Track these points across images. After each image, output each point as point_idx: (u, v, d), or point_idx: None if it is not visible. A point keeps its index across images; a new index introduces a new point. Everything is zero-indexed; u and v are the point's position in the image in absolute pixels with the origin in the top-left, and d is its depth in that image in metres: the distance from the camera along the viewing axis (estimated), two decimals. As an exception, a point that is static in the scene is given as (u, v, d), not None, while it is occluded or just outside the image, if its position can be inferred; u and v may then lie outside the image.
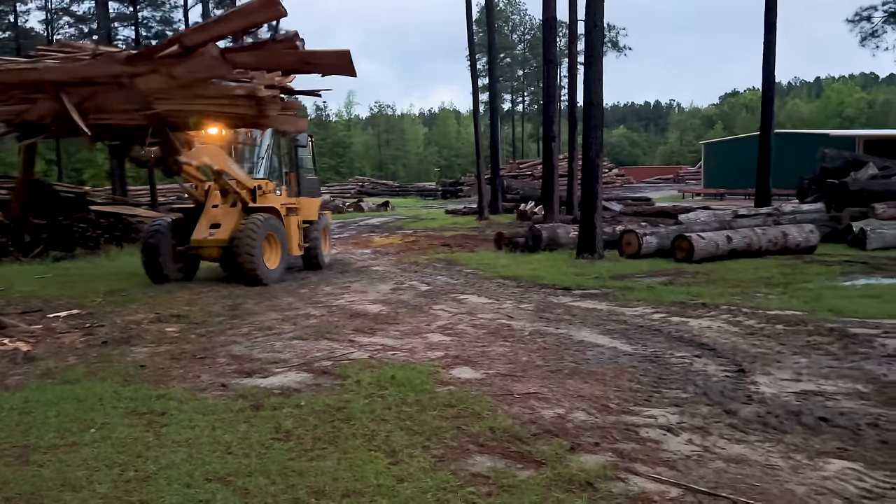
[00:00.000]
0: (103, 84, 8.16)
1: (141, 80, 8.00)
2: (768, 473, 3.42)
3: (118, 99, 8.23)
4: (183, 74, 7.83)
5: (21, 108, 8.24)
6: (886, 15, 21.96)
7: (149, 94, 8.15)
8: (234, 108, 8.43)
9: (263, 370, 5.50)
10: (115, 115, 8.56)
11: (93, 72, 8.06)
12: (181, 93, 8.25)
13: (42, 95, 8.04)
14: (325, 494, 3.19)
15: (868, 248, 13.18)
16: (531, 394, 4.77)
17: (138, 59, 7.94)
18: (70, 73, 8.03)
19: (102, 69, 8.03)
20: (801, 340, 6.17)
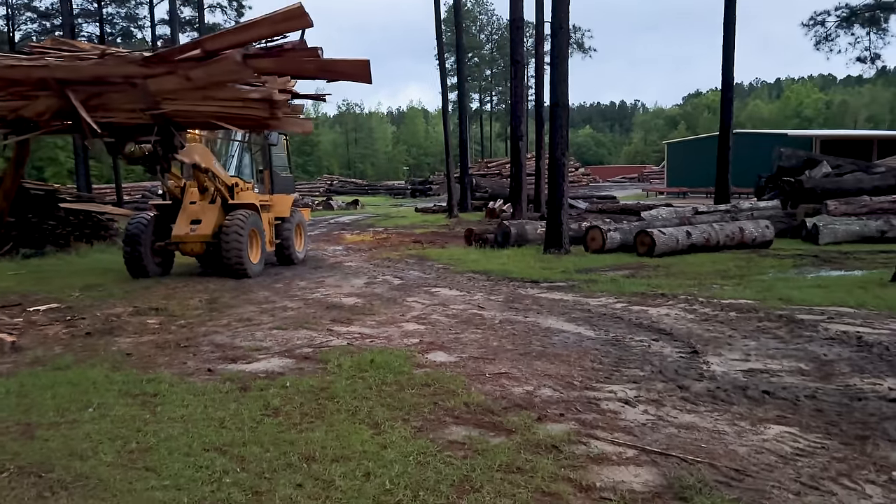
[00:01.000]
0: (113, 83, 8.26)
1: (154, 81, 8.14)
2: (715, 437, 3.82)
3: (125, 98, 8.33)
4: (201, 77, 7.99)
5: (17, 105, 8.25)
6: (839, 20, 22.92)
7: (159, 94, 8.28)
8: (246, 111, 8.58)
9: (247, 357, 5.76)
10: (119, 113, 8.65)
11: (105, 71, 8.14)
12: (192, 94, 8.39)
13: (44, 93, 8.08)
14: (315, 460, 3.50)
15: (821, 242, 13.84)
16: (502, 374, 5.12)
17: (155, 61, 8.06)
18: (80, 72, 8.09)
19: (116, 69, 8.13)
20: (752, 326, 6.64)
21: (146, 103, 8.40)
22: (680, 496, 3.06)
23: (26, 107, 8.39)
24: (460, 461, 3.49)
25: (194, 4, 36.97)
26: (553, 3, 12.57)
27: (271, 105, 8.45)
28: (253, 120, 8.91)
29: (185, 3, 37.36)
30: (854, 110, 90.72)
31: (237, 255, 10.41)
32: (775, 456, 3.54)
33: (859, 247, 13.12)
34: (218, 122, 8.95)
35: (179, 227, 10.88)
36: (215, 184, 10.88)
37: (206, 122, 9.23)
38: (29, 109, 8.42)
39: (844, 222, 14.46)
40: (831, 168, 19.36)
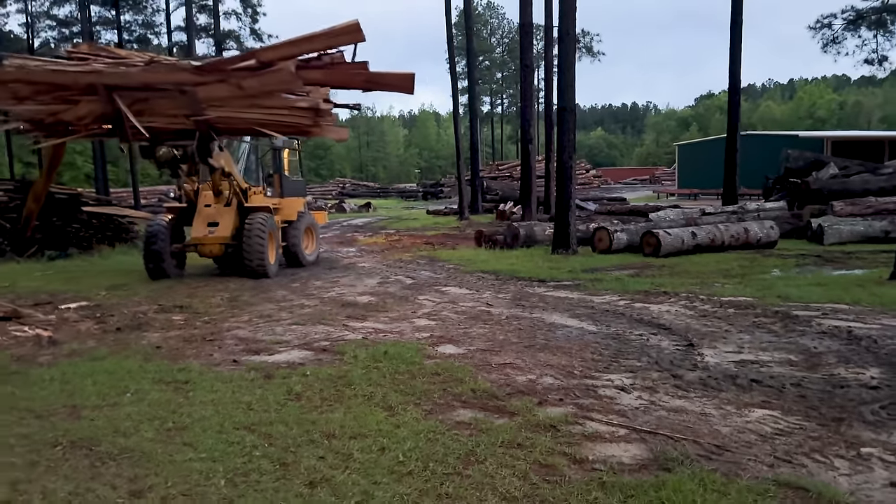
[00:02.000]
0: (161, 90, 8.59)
1: (204, 89, 8.46)
2: (701, 419, 4.15)
3: (170, 104, 8.65)
4: (254, 86, 8.33)
5: (57, 109, 8.60)
6: (846, 22, 23.07)
7: (206, 101, 8.58)
8: (291, 118, 8.92)
9: (269, 349, 6.14)
10: (161, 118, 8.93)
11: (156, 78, 8.46)
12: (240, 102, 8.70)
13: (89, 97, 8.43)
14: (335, 437, 3.86)
15: (825, 242, 14.06)
16: (506, 364, 5.47)
17: (208, 70, 8.41)
18: (131, 78, 8.41)
19: (167, 76, 8.46)
20: (748, 321, 6.94)
21: (192, 110, 8.69)
22: (664, 467, 3.39)
23: (67, 111, 8.72)
24: (466, 438, 3.84)
25: (210, 11, 37.62)
26: (560, 10, 12.92)
27: (316, 113, 8.82)
28: (295, 127, 9.24)
29: (200, 10, 38.04)
30: (868, 111, 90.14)
31: (259, 256, 10.77)
32: (755, 435, 3.87)
33: (863, 247, 13.34)
34: (261, 128, 9.23)
35: (197, 230, 11.19)
36: (232, 187, 11.25)
37: (248, 128, 9.53)
38: (70, 113, 8.74)
39: (849, 223, 14.67)
40: (838, 169, 19.55)
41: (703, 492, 3.06)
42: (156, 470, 3.40)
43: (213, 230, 11.13)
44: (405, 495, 3.13)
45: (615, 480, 3.25)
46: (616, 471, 3.39)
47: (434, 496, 3.13)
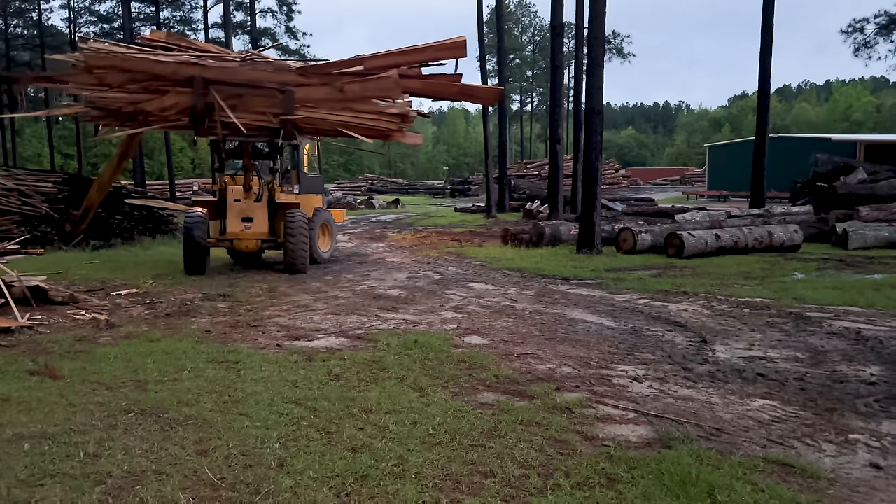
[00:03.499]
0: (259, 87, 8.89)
1: (303, 90, 8.82)
2: (705, 406, 4.52)
3: (264, 102, 8.80)
4: (355, 91, 8.72)
5: (140, 98, 8.67)
6: (878, 27, 22.91)
7: (301, 102, 8.86)
8: (378, 122, 9.34)
9: (308, 336, 6.63)
10: (248, 115, 9.07)
11: (260, 77, 8.78)
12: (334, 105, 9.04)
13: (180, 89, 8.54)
14: (372, 412, 4.32)
15: (849, 247, 14.19)
16: (528, 354, 5.88)
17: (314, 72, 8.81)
18: (235, 75, 8.72)
19: (272, 76, 8.79)
20: (762, 321, 7.26)
21: (285, 109, 8.99)
22: (666, 445, 3.78)
23: (151, 101, 8.77)
24: (489, 416, 4.27)
25: (246, 9, 38.51)
26: (589, 15, 13.23)
27: (403, 119, 9.27)
28: (378, 131, 9.63)
29: (237, 7, 38.96)
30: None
31: (303, 254, 11.05)
32: (754, 421, 4.24)
33: (887, 252, 13.45)
34: (345, 130, 9.58)
35: (233, 224, 11.27)
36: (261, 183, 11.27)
37: (332, 130, 9.86)
38: (154, 103, 8.81)
39: (874, 228, 14.76)
40: (867, 174, 19.53)
41: (699, 465, 3.45)
42: (217, 434, 3.89)
43: (248, 225, 11.27)
44: (435, 461, 3.58)
45: (621, 454, 3.66)
46: (623, 447, 3.79)
47: (460, 462, 3.57)
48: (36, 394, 4.59)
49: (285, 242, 11.08)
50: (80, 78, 8.88)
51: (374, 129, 9.57)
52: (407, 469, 3.46)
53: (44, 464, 3.45)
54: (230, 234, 11.36)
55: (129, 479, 3.30)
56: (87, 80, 8.85)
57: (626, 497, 3.16)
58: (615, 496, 3.18)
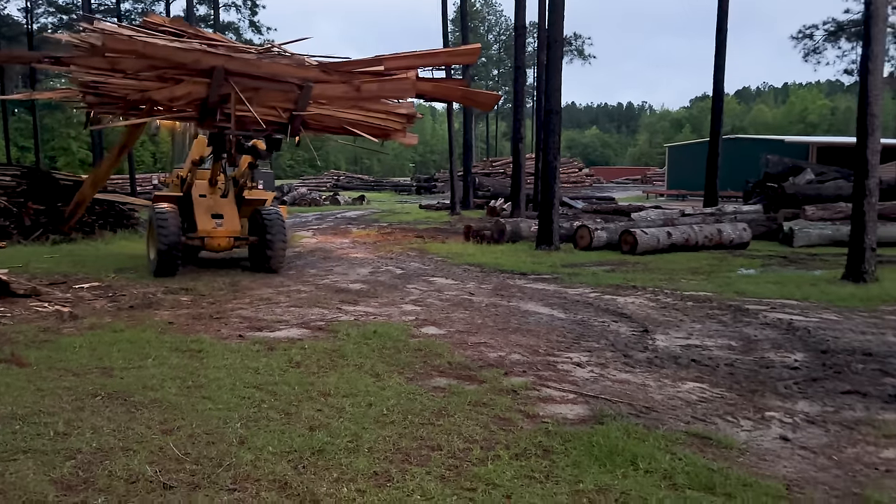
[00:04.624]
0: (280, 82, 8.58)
1: (321, 87, 8.72)
2: (640, 389, 4.90)
3: (278, 97, 8.64)
4: (372, 90, 8.70)
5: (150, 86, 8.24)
6: (826, 34, 23.89)
7: (315, 98, 8.60)
8: (384, 122, 9.39)
9: (270, 327, 6.85)
10: (259, 109, 8.81)
11: (282, 71, 8.51)
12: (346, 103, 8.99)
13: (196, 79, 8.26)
14: (330, 395, 4.59)
15: (795, 245, 14.85)
16: (481, 343, 6.21)
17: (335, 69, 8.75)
18: (257, 68, 8.39)
19: (296, 71, 8.60)
20: (703, 313, 7.70)
21: (299, 105, 8.83)
22: (599, 421, 4.13)
23: (161, 90, 8.31)
24: (441, 398, 4.57)
25: (210, 2, 38.13)
26: (548, 19, 13.62)
27: (408, 119, 9.42)
28: (383, 130, 9.72)
29: (200, 0, 38.57)
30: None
31: (283, 252, 10.82)
32: (682, 401, 4.62)
33: (829, 250, 14.12)
34: (352, 128, 9.57)
35: (203, 222, 10.62)
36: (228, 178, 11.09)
37: (338, 127, 9.82)
38: (163, 93, 8.33)
39: (819, 227, 15.46)
40: (815, 175, 20.36)
41: (627, 438, 3.80)
42: (181, 415, 4.12)
43: (219, 223, 10.79)
44: (387, 437, 3.87)
45: (558, 430, 4.00)
46: (560, 423, 4.13)
47: (410, 438, 3.87)
48: (4, 379, 4.76)
49: (265, 241, 10.66)
50: (90, 61, 8.20)
51: (379, 129, 9.68)
52: (361, 444, 3.74)
53: (15, 441, 3.64)
54: (201, 231, 10.59)
55: (97, 454, 3.52)
56: (98, 63, 8.21)
57: (558, 465, 3.50)
58: (548, 464, 3.51)
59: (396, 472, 3.41)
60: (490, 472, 3.40)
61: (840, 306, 7.99)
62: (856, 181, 10.05)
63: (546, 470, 3.45)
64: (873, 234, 9.88)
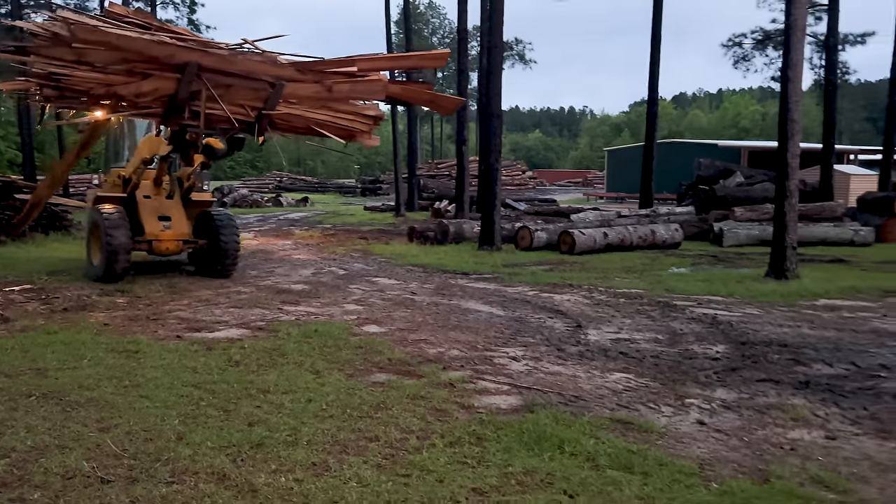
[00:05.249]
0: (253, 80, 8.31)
1: (293, 86, 8.49)
2: (570, 379, 5.13)
3: (248, 94, 8.40)
4: (343, 91, 8.52)
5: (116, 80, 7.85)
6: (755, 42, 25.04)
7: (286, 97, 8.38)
8: (351, 123, 9.27)
9: (209, 327, 6.83)
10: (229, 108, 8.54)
11: (257, 68, 8.20)
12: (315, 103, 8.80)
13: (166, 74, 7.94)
14: (269, 392, 4.66)
15: (724, 244, 15.54)
16: (421, 340, 6.35)
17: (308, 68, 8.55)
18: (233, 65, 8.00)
19: (272, 69, 8.32)
20: (633, 308, 8.05)
21: (269, 104, 8.58)
22: (530, 410, 4.34)
23: (127, 85, 7.92)
24: (379, 393, 4.70)
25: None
26: (489, 25, 13.89)
27: (374, 121, 9.39)
28: (349, 131, 9.63)
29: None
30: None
31: (236, 255, 10.50)
32: (609, 390, 4.87)
33: (757, 249, 14.83)
34: (319, 129, 9.41)
35: (151, 225, 10.15)
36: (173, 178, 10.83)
37: (306, 127, 9.64)
38: (129, 88, 7.94)
39: (747, 227, 16.22)
40: (744, 178, 21.30)
41: (555, 424, 4.01)
42: (118, 413, 4.13)
43: (167, 225, 10.34)
44: (326, 430, 3.97)
45: (491, 419, 4.18)
46: (494, 413, 4.31)
47: (349, 431, 3.98)
48: (-70, 383, 4.64)
49: (218, 245, 10.26)
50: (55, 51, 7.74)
51: (346, 129, 9.65)
52: (299, 438, 3.84)
53: (-55, 443, 3.60)
54: (149, 235, 10.11)
55: (33, 452, 3.51)
56: (64, 54, 7.75)
57: (489, 451, 3.67)
58: (481, 451, 3.68)
59: (334, 462, 3.52)
60: (424, 459, 3.55)
61: (762, 302, 8.47)
62: (777, 183, 10.64)
63: (478, 456, 3.62)
64: (794, 233, 10.48)
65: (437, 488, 3.22)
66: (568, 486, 3.25)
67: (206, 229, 10.62)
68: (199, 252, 10.79)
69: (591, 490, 3.21)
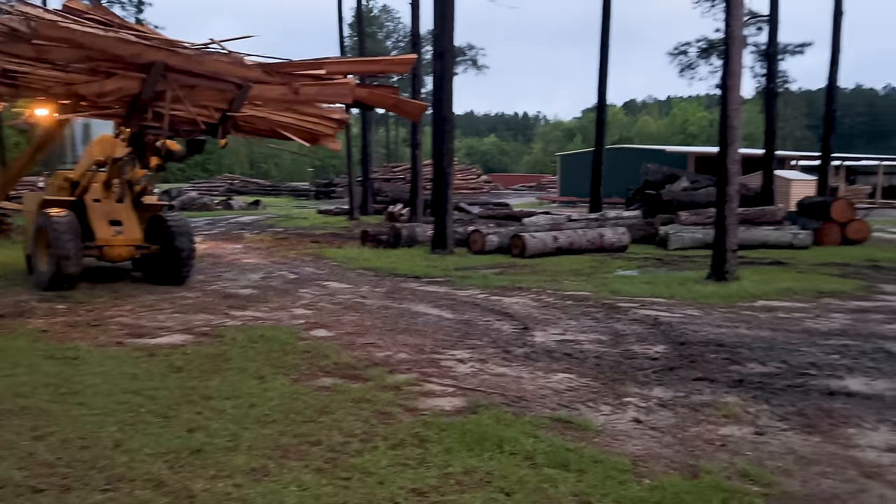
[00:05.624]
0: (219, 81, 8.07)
1: (259, 87, 8.25)
2: (514, 381, 5.23)
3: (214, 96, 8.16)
4: (310, 94, 8.32)
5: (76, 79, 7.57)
6: (699, 51, 25.84)
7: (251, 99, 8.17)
8: (316, 126, 9.11)
9: (152, 333, 6.71)
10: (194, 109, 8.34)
11: (225, 69, 7.90)
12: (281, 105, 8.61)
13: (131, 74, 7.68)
14: (211, 398, 4.61)
15: (670, 248, 15.96)
16: (369, 344, 6.37)
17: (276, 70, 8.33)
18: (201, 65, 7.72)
19: (240, 70, 8.05)
20: (579, 310, 8.21)
21: (234, 106, 8.33)
22: (473, 411, 4.41)
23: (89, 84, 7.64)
24: (324, 397, 4.70)
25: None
26: (439, 31, 14.00)
27: (339, 125, 9.27)
28: (313, 134, 9.49)
29: (81, -6, 36.42)
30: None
31: (191, 258, 10.19)
32: (551, 390, 4.98)
33: (700, 252, 15.25)
34: (283, 131, 9.24)
35: (102, 230, 9.73)
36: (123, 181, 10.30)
37: (269, 130, 9.45)
38: (91, 87, 7.66)
39: (691, 231, 16.68)
40: (690, 183, 21.90)
41: (496, 424, 4.09)
42: (54, 422, 4.04)
43: (119, 230, 9.86)
44: (268, 435, 3.96)
45: (435, 420, 4.23)
46: (438, 414, 4.37)
47: (291, 435, 3.98)
48: None
49: (174, 250, 9.92)
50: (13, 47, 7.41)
51: (310, 133, 9.54)
52: (240, 443, 3.82)
53: None
54: (100, 240, 9.66)
55: (-41, 463, 3.41)
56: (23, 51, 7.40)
57: (431, 452, 3.72)
58: (423, 452, 3.73)
59: (274, 466, 3.52)
60: (366, 461, 3.57)
61: (702, 303, 8.74)
62: (718, 188, 10.99)
63: (419, 457, 3.66)
64: (734, 236, 10.83)
65: (377, 490, 3.25)
66: (505, 484, 3.32)
67: (158, 234, 10.27)
68: (150, 258, 10.39)
69: (528, 488, 3.29)
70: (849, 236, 17.07)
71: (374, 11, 66.76)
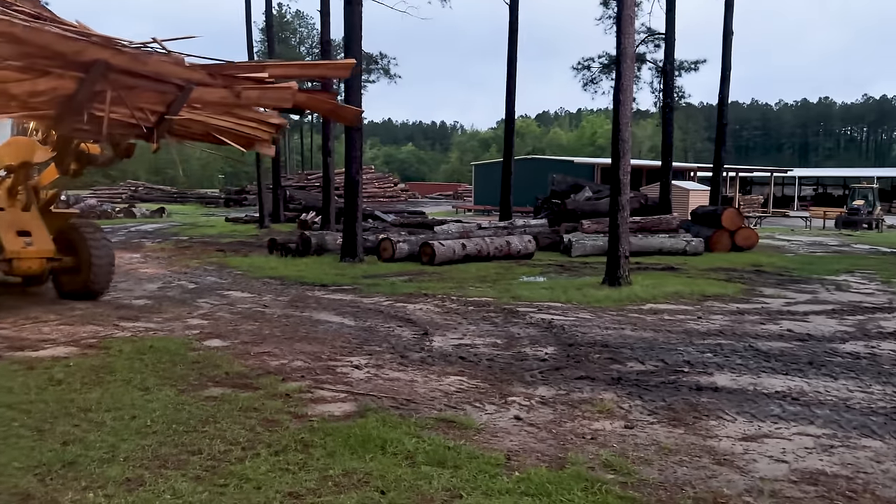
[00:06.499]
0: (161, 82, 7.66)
1: (200, 90, 7.80)
2: (408, 384, 5.34)
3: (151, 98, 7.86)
4: (251, 98, 7.96)
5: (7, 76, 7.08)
6: (602, 66, 26.97)
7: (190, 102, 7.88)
8: (253, 131, 8.70)
9: (34, 346, 6.41)
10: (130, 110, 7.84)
11: (168, 70, 7.53)
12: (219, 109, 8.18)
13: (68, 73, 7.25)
14: (91, 410, 4.48)
15: (573, 255, 16.56)
16: (265, 353, 6.33)
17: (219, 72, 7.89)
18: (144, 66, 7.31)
19: (182, 72, 7.57)
20: (479, 315, 8.43)
21: (173, 108, 7.91)
22: (362, 415, 4.48)
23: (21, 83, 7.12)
24: (211, 407, 4.66)
25: None
26: (348, 39, 14.04)
27: (276, 129, 8.98)
28: (249, 139, 9.09)
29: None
30: (639, 141, 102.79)
31: (110, 276, 9.61)
32: (441, 392, 5.13)
33: (601, 259, 15.80)
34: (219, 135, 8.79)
35: (10, 241, 8.98)
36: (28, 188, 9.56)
37: (204, 134, 8.95)
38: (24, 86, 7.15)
39: (593, 238, 17.37)
40: (593, 193, 22.79)
41: (382, 427, 4.18)
42: (-89, 441, 3.82)
43: (28, 241, 9.18)
44: (147, 446, 3.90)
45: (323, 425, 4.28)
46: (327, 420, 4.42)
47: (171, 445, 3.93)
48: None
49: (88, 263, 9.29)
50: None
51: (247, 137, 9.27)
52: (117, 454, 3.75)
53: None
54: (9, 252, 8.93)
55: None
56: None
57: (314, 456, 3.78)
58: (305, 457, 3.77)
59: (150, 476, 3.48)
60: (246, 468, 3.59)
61: (595, 307, 9.15)
62: (611, 198, 11.54)
63: (301, 462, 3.71)
64: (626, 243, 11.40)
65: (253, 495, 3.28)
66: (382, 483, 3.42)
67: (70, 245, 9.57)
68: (62, 271, 9.63)
69: (404, 485, 3.40)
70: (738, 243, 18.22)
71: (288, 17, 65.82)
